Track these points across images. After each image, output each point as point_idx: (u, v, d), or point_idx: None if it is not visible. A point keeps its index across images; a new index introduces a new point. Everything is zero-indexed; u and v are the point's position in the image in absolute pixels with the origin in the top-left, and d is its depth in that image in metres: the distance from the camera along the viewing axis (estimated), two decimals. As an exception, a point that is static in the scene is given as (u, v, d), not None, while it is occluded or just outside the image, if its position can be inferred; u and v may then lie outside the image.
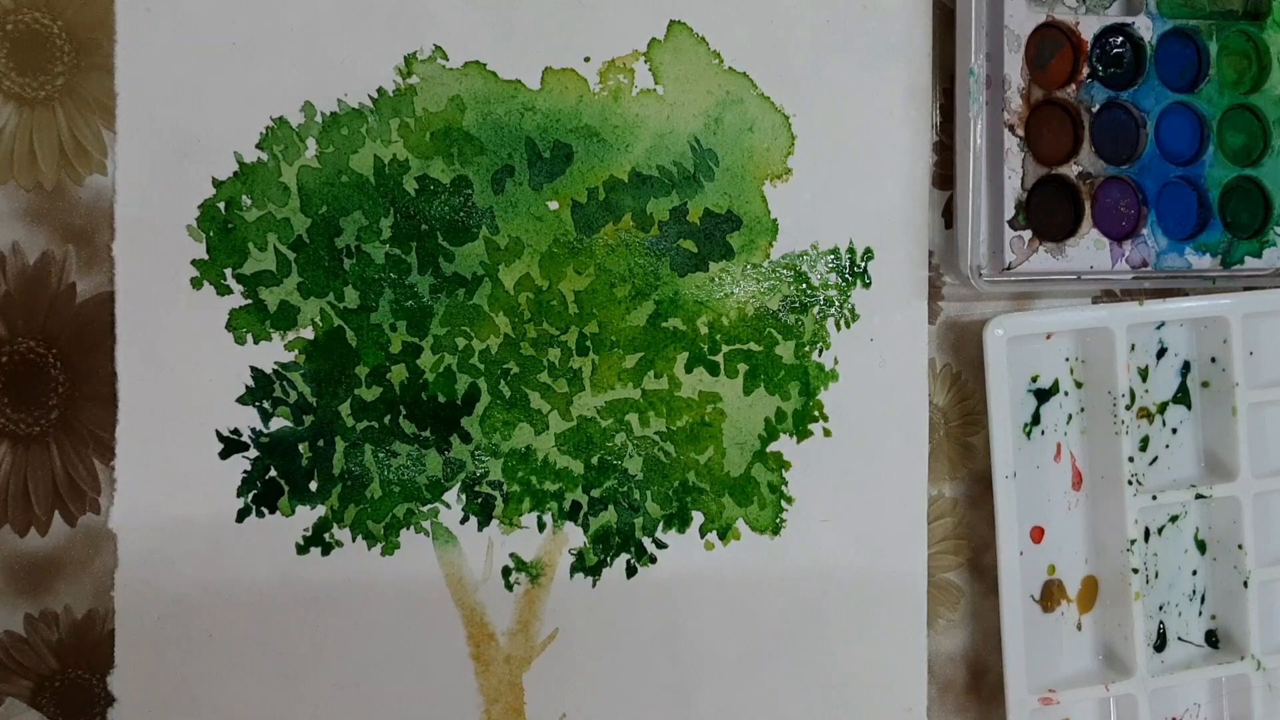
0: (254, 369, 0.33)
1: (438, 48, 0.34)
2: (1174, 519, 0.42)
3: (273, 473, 0.34)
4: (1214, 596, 0.42)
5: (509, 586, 0.36)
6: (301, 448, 0.34)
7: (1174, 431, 0.42)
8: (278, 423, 0.34)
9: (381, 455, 0.34)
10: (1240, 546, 0.41)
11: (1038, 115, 0.38)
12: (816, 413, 0.38)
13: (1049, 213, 0.38)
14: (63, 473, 0.32)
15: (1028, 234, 0.38)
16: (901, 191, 0.38)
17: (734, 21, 0.36)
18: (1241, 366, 0.40)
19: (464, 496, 0.35)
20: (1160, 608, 0.42)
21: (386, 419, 0.34)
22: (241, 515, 0.34)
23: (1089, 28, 0.38)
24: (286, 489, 0.34)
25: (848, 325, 0.38)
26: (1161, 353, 0.41)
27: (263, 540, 0.34)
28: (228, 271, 0.33)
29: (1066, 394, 0.41)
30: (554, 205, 0.35)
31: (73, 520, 0.33)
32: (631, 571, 0.37)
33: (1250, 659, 0.41)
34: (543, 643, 0.36)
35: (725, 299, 0.37)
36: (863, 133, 0.38)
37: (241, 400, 0.33)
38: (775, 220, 0.37)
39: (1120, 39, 0.39)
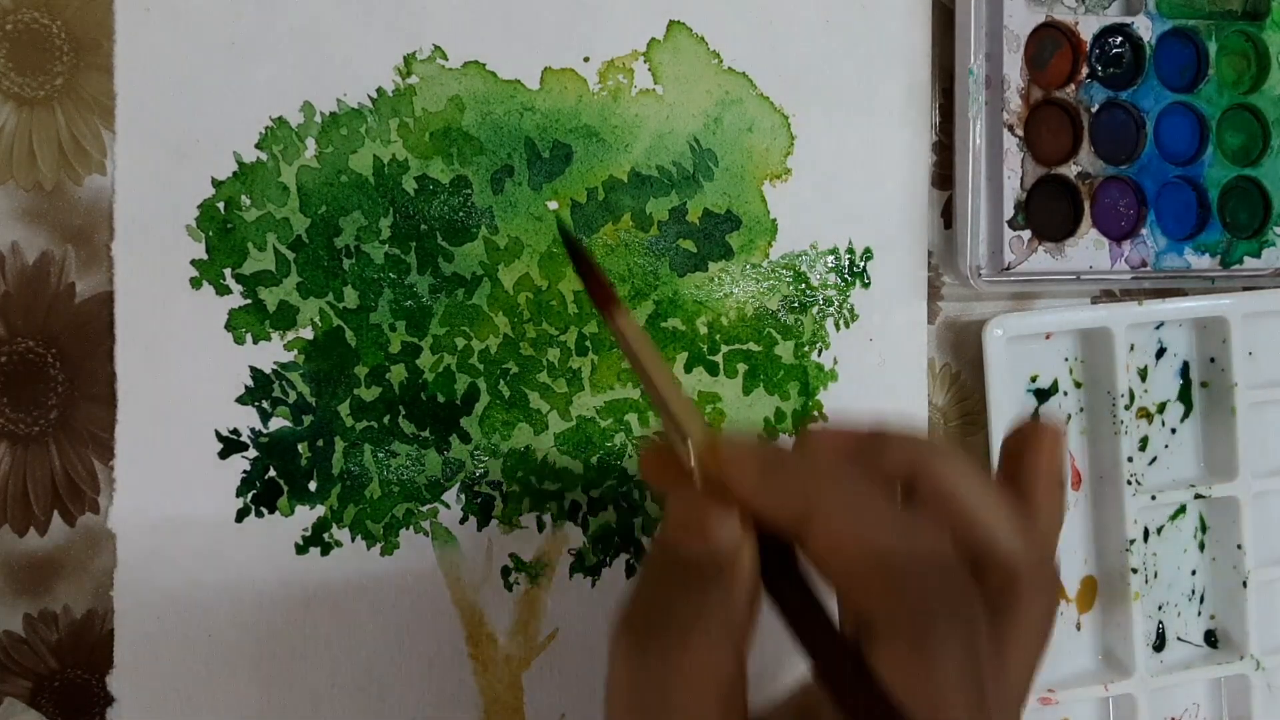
0: (253, 369, 0.33)
1: (437, 48, 0.34)
2: (1173, 519, 0.42)
3: (272, 473, 0.34)
4: (1213, 596, 0.42)
5: (508, 586, 0.36)
6: (301, 448, 0.34)
7: (1173, 431, 0.42)
8: (277, 423, 0.34)
9: (381, 455, 0.34)
10: (1239, 546, 0.41)
11: (1037, 115, 0.38)
12: (816, 413, 0.38)
13: (1048, 213, 0.38)
14: (62, 473, 0.32)
15: (1027, 234, 0.38)
16: (901, 191, 0.38)
17: (733, 22, 0.36)
18: (1241, 367, 0.40)
19: (463, 496, 0.35)
20: (1159, 608, 0.42)
21: (386, 419, 0.34)
22: (241, 515, 0.34)
23: (1088, 28, 0.38)
24: (286, 489, 0.34)
25: (847, 325, 0.38)
26: (1161, 353, 0.42)
27: (262, 540, 0.34)
28: (227, 271, 0.33)
29: (1066, 394, 0.41)
30: (553, 205, 0.35)
31: (72, 520, 0.33)
32: (631, 571, 0.36)
33: (1249, 659, 0.41)
34: (542, 643, 0.36)
35: (724, 299, 0.37)
36: (862, 133, 0.38)
37: (241, 400, 0.33)
38: (774, 220, 0.37)
39: (1119, 39, 0.39)
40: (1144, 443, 0.41)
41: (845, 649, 0.23)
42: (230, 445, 0.33)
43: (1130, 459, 0.39)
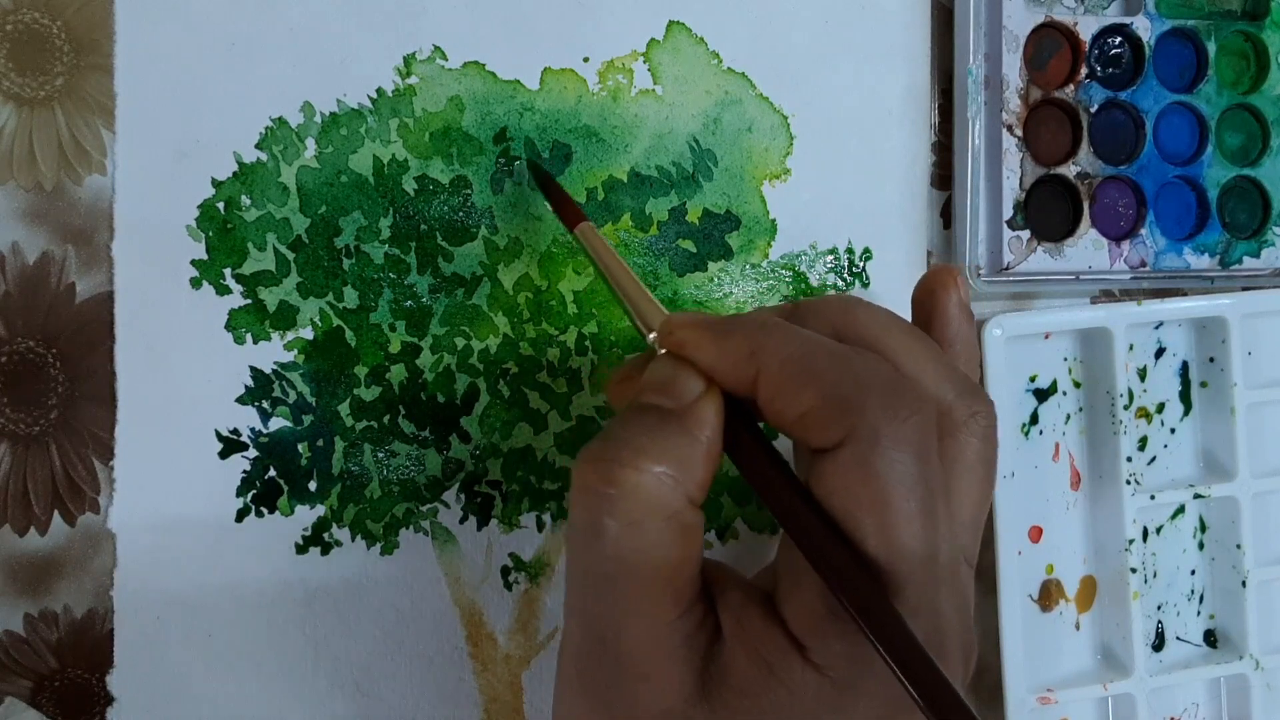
0: (253, 369, 0.33)
1: (437, 48, 0.34)
2: (1172, 519, 0.42)
3: (272, 472, 0.34)
4: (1212, 596, 0.42)
5: (508, 586, 0.36)
6: (301, 448, 0.34)
7: (1172, 431, 0.42)
8: (277, 423, 0.34)
9: (381, 455, 0.34)
10: (1239, 546, 0.41)
11: (1036, 115, 0.38)
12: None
13: (1047, 213, 0.38)
14: (62, 472, 0.32)
15: (1026, 234, 0.38)
16: (900, 192, 0.38)
17: (733, 22, 0.37)
18: (1240, 366, 0.40)
19: (463, 496, 0.35)
20: (1159, 607, 0.42)
21: (386, 419, 0.34)
22: (241, 515, 0.34)
23: (1087, 28, 0.38)
24: (286, 489, 0.34)
25: (846, 325, 0.38)
26: (1160, 353, 0.42)
27: (262, 540, 0.34)
28: (227, 271, 0.33)
29: (1065, 394, 0.41)
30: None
31: (72, 520, 0.33)
32: (630, 571, 0.36)
33: (1249, 659, 0.41)
34: (542, 642, 0.36)
35: (724, 299, 0.37)
36: (861, 133, 0.38)
37: (241, 400, 0.33)
38: (774, 220, 0.37)
39: (1119, 39, 0.39)
40: (1143, 443, 0.41)
41: (800, 491, 0.24)
42: (230, 445, 0.33)
43: (1129, 459, 0.39)
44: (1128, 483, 0.39)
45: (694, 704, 0.24)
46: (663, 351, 0.26)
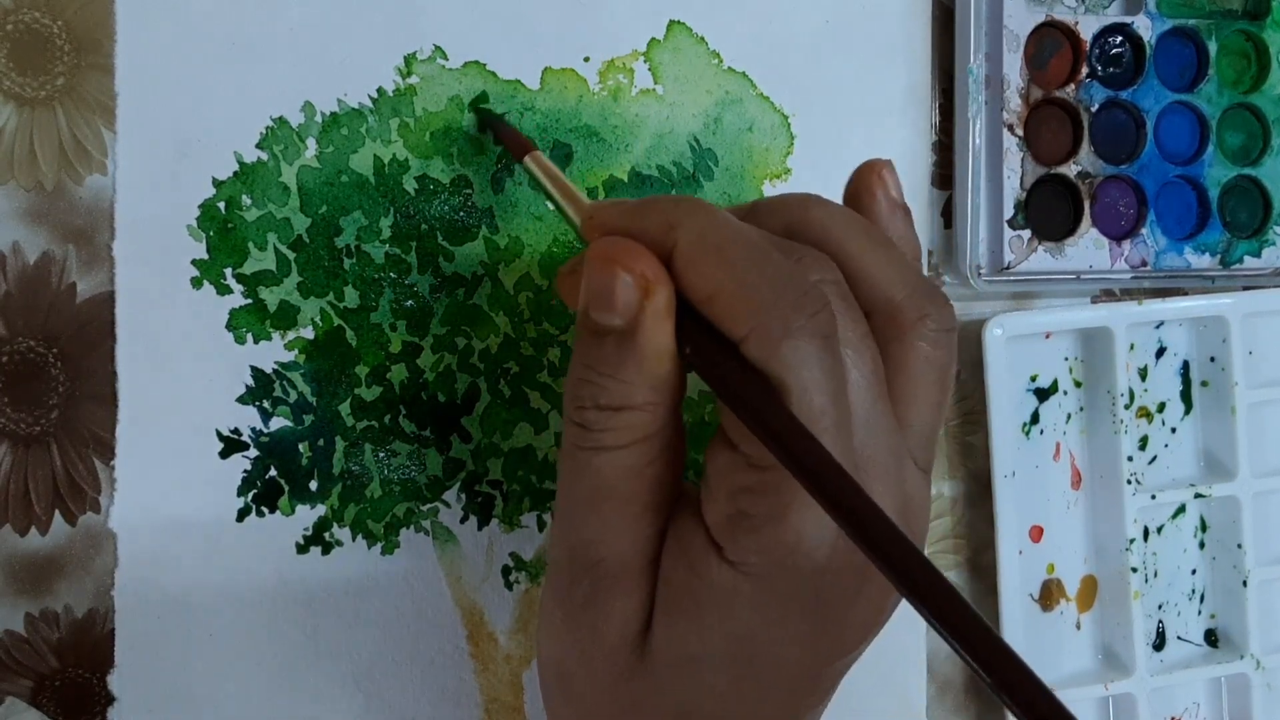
0: (254, 369, 0.33)
1: (437, 48, 0.34)
2: (1173, 518, 0.42)
3: (273, 472, 0.34)
4: (1213, 596, 0.42)
5: (509, 586, 0.36)
6: (302, 447, 0.34)
7: (1173, 431, 0.42)
8: (278, 422, 0.34)
9: (382, 455, 0.34)
10: (1240, 546, 0.41)
11: (1037, 115, 0.38)
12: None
13: (1048, 212, 0.38)
14: (63, 472, 0.32)
15: (1027, 234, 0.38)
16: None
17: (733, 21, 0.36)
18: (1241, 366, 0.40)
19: (464, 496, 0.35)
20: (1159, 607, 0.42)
21: (387, 418, 0.34)
22: (241, 515, 0.34)
23: (1088, 27, 0.38)
24: (287, 488, 0.34)
25: (847, 325, 0.38)
26: (1161, 352, 0.42)
27: (263, 540, 0.34)
28: (228, 271, 0.33)
29: (1065, 393, 0.41)
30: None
31: (73, 520, 0.33)
32: (631, 571, 0.36)
33: (1249, 658, 0.41)
34: (542, 642, 0.36)
35: (725, 299, 0.37)
36: (862, 133, 0.38)
37: (241, 400, 0.33)
38: (775, 220, 0.37)
39: (1119, 38, 0.39)
40: (1144, 442, 0.41)
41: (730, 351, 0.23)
42: (231, 445, 0.33)
43: (1130, 458, 0.40)
44: (1128, 482, 0.39)
45: (655, 622, 0.25)
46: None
